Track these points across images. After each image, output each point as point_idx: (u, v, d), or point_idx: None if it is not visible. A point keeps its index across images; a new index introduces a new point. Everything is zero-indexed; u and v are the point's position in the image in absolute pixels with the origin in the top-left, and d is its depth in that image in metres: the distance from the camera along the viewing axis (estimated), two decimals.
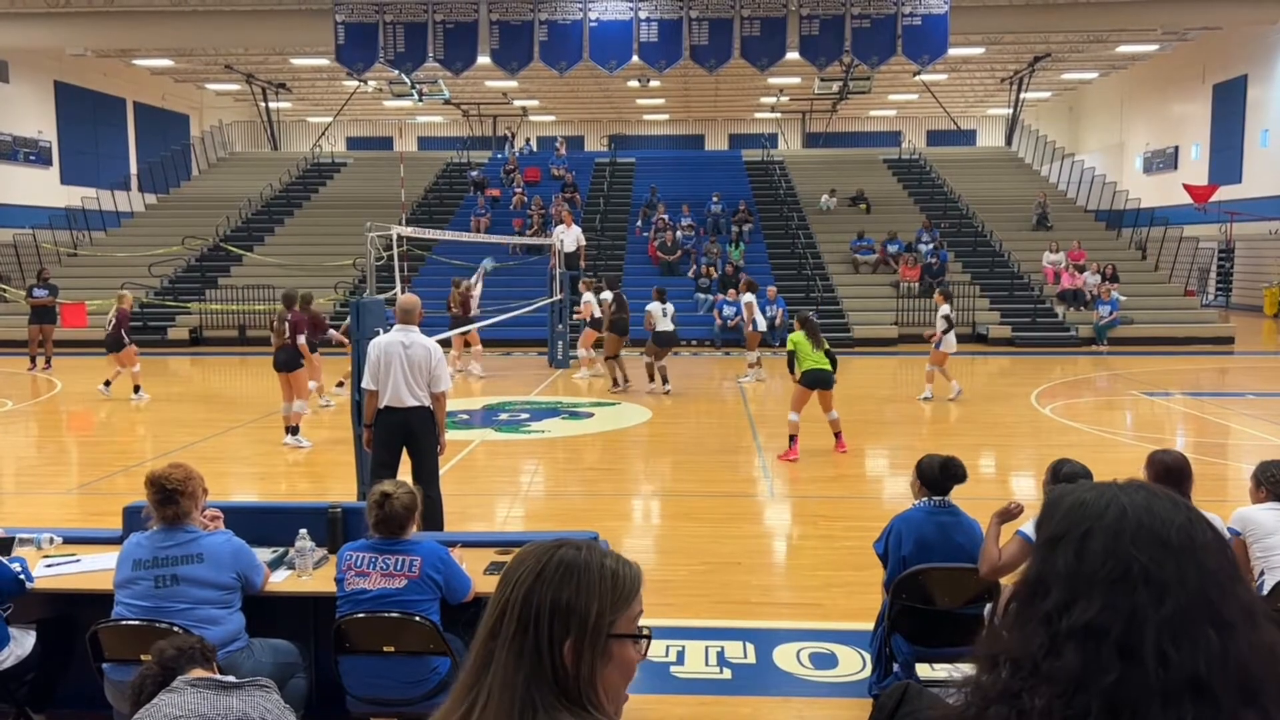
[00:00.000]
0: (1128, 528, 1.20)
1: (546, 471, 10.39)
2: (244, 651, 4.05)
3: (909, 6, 22.28)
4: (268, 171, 31.36)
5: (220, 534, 4.14)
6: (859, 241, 25.19)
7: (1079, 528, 1.22)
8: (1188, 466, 4.42)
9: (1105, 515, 1.22)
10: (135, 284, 23.79)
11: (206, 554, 3.98)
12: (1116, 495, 1.25)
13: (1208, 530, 1.22)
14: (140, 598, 3.93)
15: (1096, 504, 1.24)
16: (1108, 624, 1.16)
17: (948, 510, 4.50)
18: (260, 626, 4.22)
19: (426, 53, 22.85)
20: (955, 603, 4.33)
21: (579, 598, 1.40)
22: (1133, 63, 34.53)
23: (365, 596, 3.96)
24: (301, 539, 4.51)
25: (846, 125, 43.17)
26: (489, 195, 28.53)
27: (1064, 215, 27.48)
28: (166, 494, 3.96)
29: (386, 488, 4.12)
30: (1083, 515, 1.24)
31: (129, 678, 3.76)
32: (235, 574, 4.04)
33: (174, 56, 31.55)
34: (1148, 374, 17.27)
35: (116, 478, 9.92)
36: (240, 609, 4.09)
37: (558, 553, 1.45)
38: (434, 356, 7.00)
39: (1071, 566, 1.20)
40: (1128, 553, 1.18)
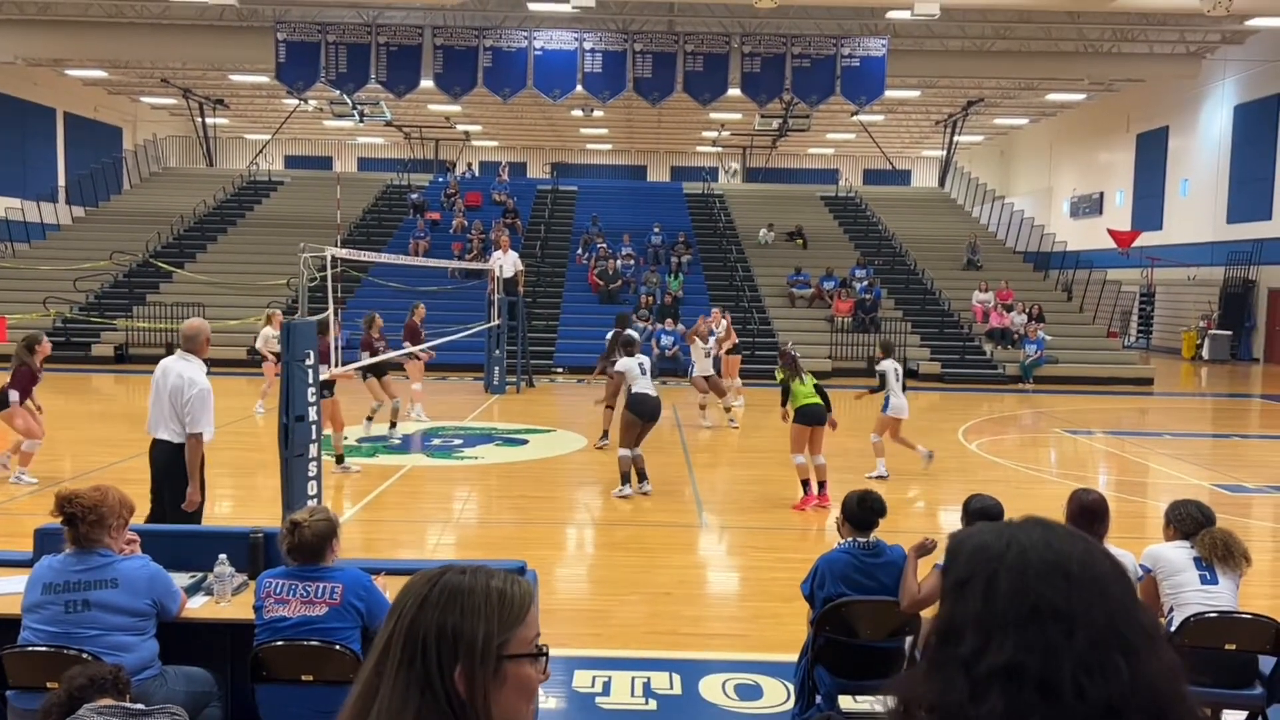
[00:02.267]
0: (1031, 565, 1.21)
1: (478, 498, 10.30)
2: (157, 679, 3.93)
3: (848, 48, 22.82)
4: (202, 188, 30.83)
5: (136, 559, 4.03)
6: (795, 276, 25.54)
7: (984, 570, 1.23)
8: (1105, 507, 4.56)
9: (1007, 555, 1.23)
10: (59, 298, 23.15)
11: (121, 579, 3.87)
12: (1015, 534, 1.26)
13: (1105, 559, 1.24)
14: (49, 623, 3.80)
15: (997, 544, 1.25)
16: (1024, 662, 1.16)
17: (872, 550, 4.54)
18: (175, 653, 4.11)
19: (369, 74, 22.76)
20: (877, 636, 4.39)
21: (465, 622, 1.37)
22: (1061, 110, 35.75)
23: (285, 624, 3.88)
24: (221, 564, 4.41)
25: (785, 162, 43.87)
26: (429, 218, 28.38)
27: (994, 256, 28.21)
28: (68, 517, 3.84)
29: (298, 516, 4.03)
30: (986, 557, 1.24)
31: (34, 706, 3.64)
32: (150, 600, 3.93)
33: (108, 68, 30.97)
34: (1071, 412, 17.72)
35: (31, 499, 9.60)
36: (154, 635, 3.98)
37: (442, 579, 1.42)
38: (192, 390, 6.22)
39: (981, 609, 1.21)
40: (1034, 589, 1.19)
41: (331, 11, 23.31)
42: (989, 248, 28.71)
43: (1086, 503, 4.48)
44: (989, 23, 24.47)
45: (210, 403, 6.37)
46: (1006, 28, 24.73)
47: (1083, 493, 4.69)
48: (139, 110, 38.74)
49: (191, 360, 6.41)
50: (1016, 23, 24.38)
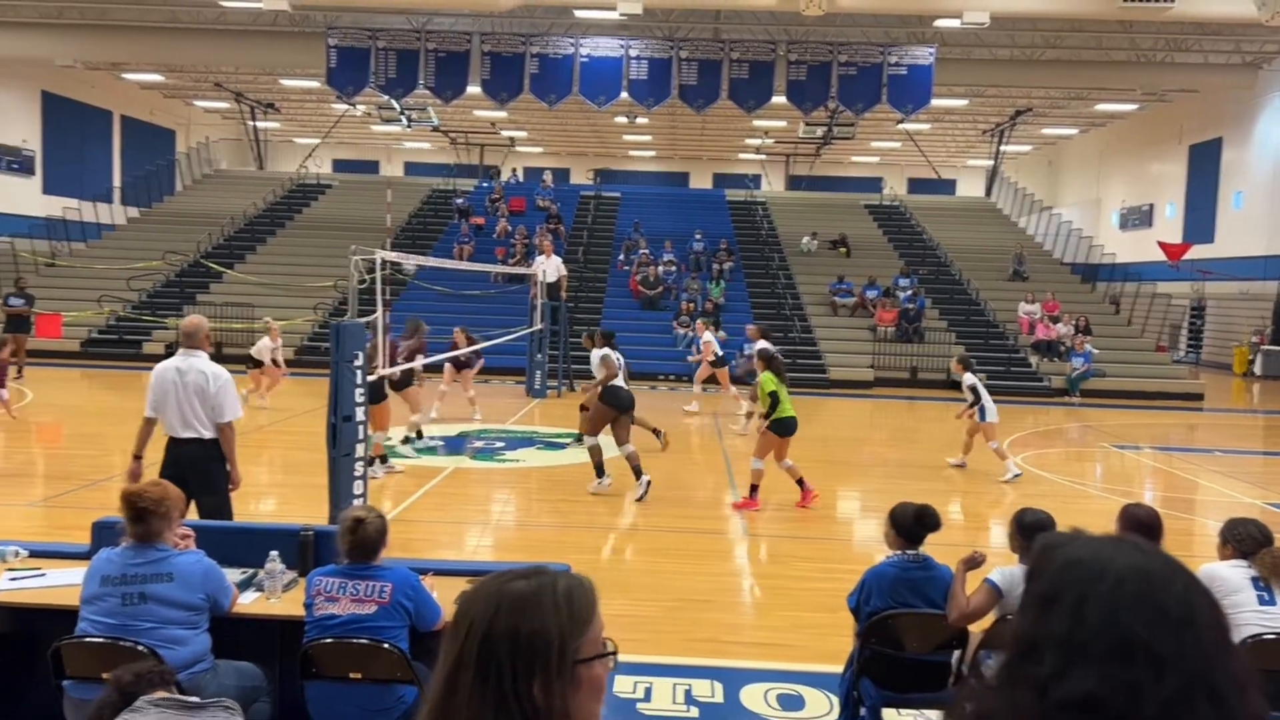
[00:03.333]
0: (1126, 596, 1.14)
1: (519, 501, 10.36)
2: (209, 673, 4.01)
3: (895, 56, 22.69)
4: (252, 190, 31.33)
5: (191, 554, 4.11)
6: (838, 284, 25.41)
7: (1073, 591, 1.16)
8: (1159, 522, 4.48)
9: (1102, 579, 1.16)
10: (114, 297, 23.64)
11: (176, 574, 3.95)
12: (1112, 556, 1.18)
13: (1203, 596, 1.17)
14: (106, 615, 3.89)
15: (1091, 564, 1.18)
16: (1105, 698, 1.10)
17: (921, 564, 4.49)
18: (226, 648, 4.18)
19: (417, 80, 23.01)
20: (924, 649, 4.35)
21: (539, 630, 1.34)
22: (1111, 121, 35.24)
23: (334, 622, 3.94)
24: (272, 561, 4.48)
25: (829, 170, 43.68)
26: (473, 223, 28.61)
27: (1040, 267, 27.86)
28: (138, 512, 3.93)
29: (359, 513, 4.11)
30: (1076, 576, 1.17)
31: (90, 696, 3.72)
32: (204, 595, 4.01)
33: (163, 72, 31.59)
34: (1118, 427, 17.45)
35: (84, 491, 9.80)
36: (207, 630, 4.06)
37: (508, 587, 1.39)
38: (214, 383, 6.28)
39: (1066, 633, 1.14)
40: (1127, 624, 1.12)
41: (381, 18, 23.60)
42: (1036, 259, 28.36)
43: (1141, 517, 4.41)
44: (1039, 31, 24.21)
45: (234, 389, 6.45)
46: (1057, 36, 24.45)
47: (1135, 508, 4.62)
48: (192, 114, 39.47)
49: (200, 355, 6.42)
50: (1067, 31, 24.09)
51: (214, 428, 6.32)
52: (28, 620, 4.48)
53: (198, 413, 6.28)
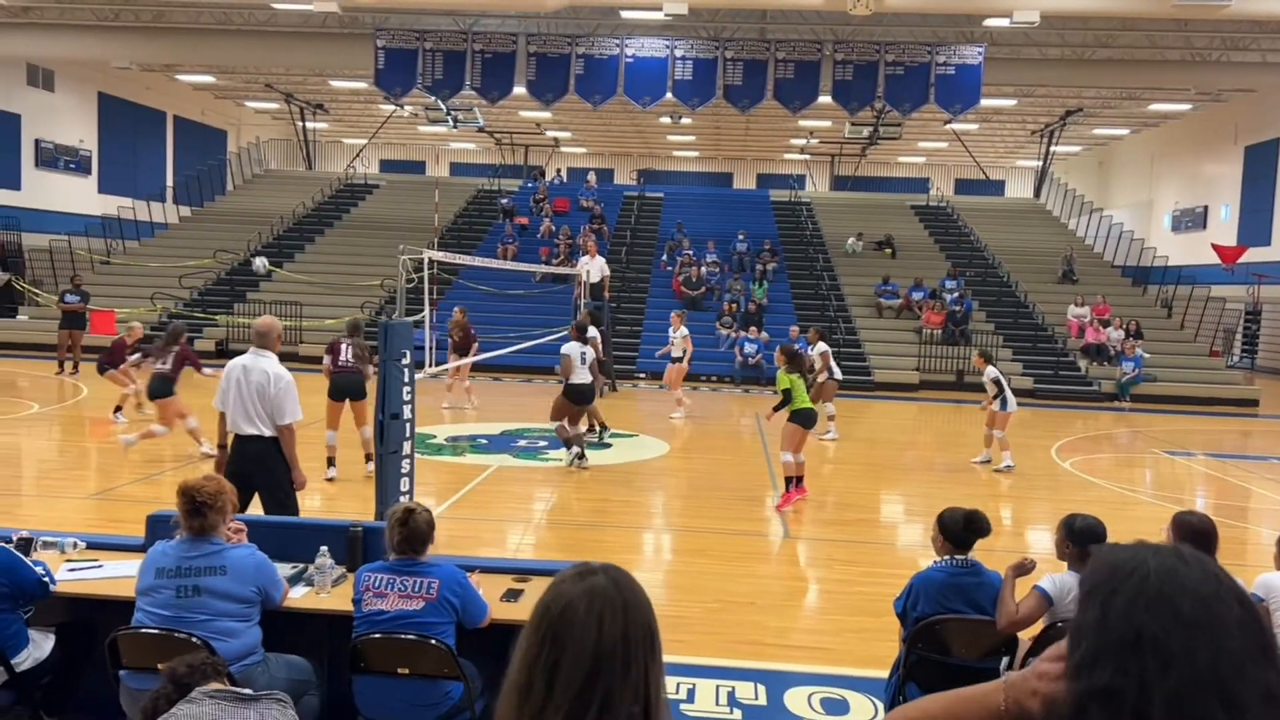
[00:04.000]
0: (1146, 593, 1.20)
1: (560, 500, 10.40)
2: (259, 666, 4.07)
3: (943, 56, 22.45)
4: (301, 190, 31.76)
5: (244, 547, 4.18)
6: (883, 286, 25.20)
7: (1107, 585, 1.23)
8: (1214, 529, 4.38)
9: (1131, 577, 1.22)
10: (166, 294, 24.08)
11: (230, 567, 4.02)
12: (1147, 558, 1.24)
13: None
14: (161, 606, 3.97)
15: (1126, 564, 1.24)
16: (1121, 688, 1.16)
17: (970, 570, 4.43)
18: (276, 641, 4.25)
19: (464, 81, 23.16)
20: (972, 655, 4.30)
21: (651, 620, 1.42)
22: (1164, 121, 34.57)
23: (382, 618, 3.99)
24: (322, 556, 4.55)
25: (874, 170, 43.32)
26: (517, 223, 28.77)
27: (1090, 270, 27.42)
28: (197, 506, 4.01)
29: (409, 505, 4.17)
30: (1112, 573, 1.24)
31: (145, 686, 3.79)
32: (256, 588, 4.07)
33: (216, 73, 32.11)
34: (1170, 432, 17.13)
35: (137, 485, 10.00)
36: (258, 623, 4.13)
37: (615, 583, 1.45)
38: (275, 384, 6.38)
39: (1096, 624, 1.22)
40: (1140, 618, 1.18)
41: (429, 19, 23.80)
42: (1085, 261, 27.92)
43: (1195, 524, 4.30)
44: (1090, 30, 23.81)
45: (294, 392, 6.52)
46: (1109, 35, 24.03)
47: (1188, 515, 4.51)
48: (243, 114, 40.10)
49: (268, 356, 6.54)
50: (1120, 30, 23.67)
51: (274, 427, 6.43)
52: (85, 610, 4.59)
53: (259, 411, 6.40)
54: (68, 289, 20.10)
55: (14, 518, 8.10)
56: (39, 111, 29.56)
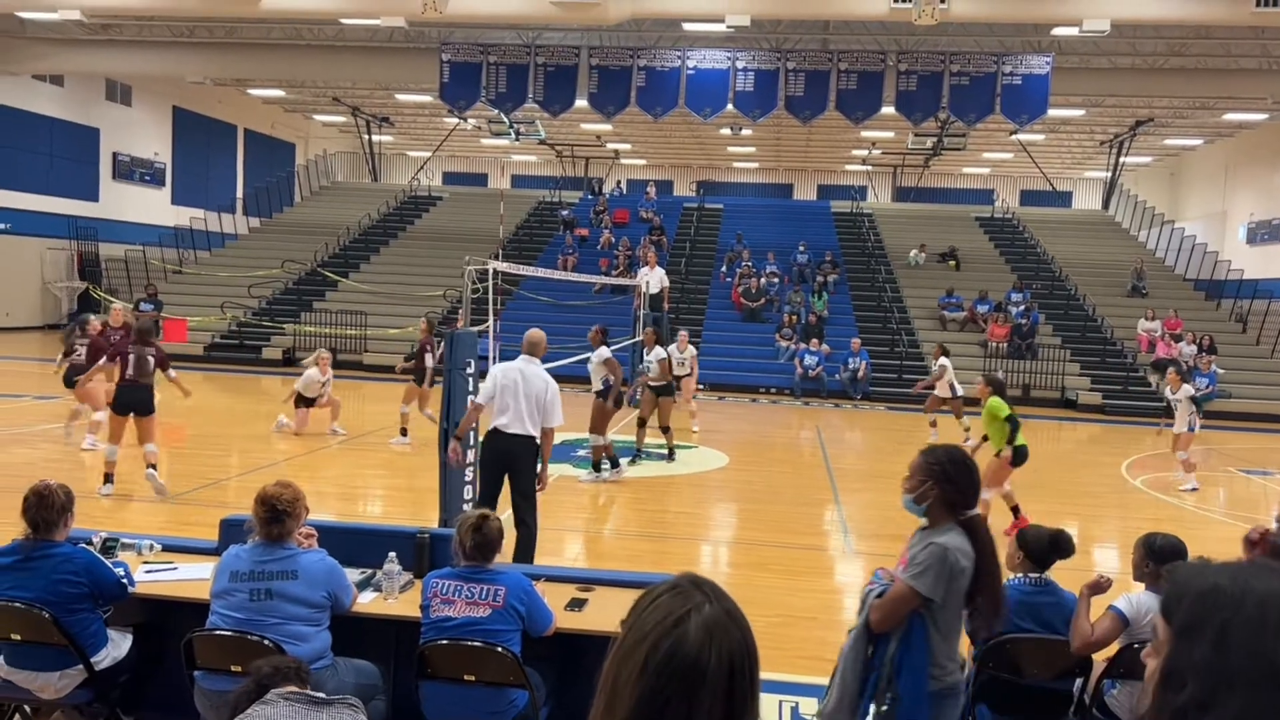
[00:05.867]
0: (1271, 619, 1.13)
1: (619, 511, 10.40)
2: (329, 670, 4.13)
3: (1009, 66, 22.13)
4: (367, 201, 32.32)
5: (315, 553, 4.25)
6: (947, 299, 24.86)
7: (1215, 617, 1.15)
8: None
9: (1244, 605, 1.14)
10: (235, 303, 24.65)
11: (301, 571, 4.09)
12: (1251, 581, 1.17)
13: None
14: (235, 609, 4.05)
15: (1231, 591, 1.16)
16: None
17: (1045, 589, 4.32)
18: (344, 646, 4.31)
19: (527, 94, 23.40)
20: (1044, 676, 4.21)
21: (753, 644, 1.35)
22: (1239, 131, 33.63)
23: (450, 624, 4.02)
24: (390, 562, 4.60)
25: (937, 181, 42.79)
26: (578, 234, 28.94)
27: (1161, 283, 26.77)
28: (276, 513, 4.09)
29: (483, 511, 4.21)
30: (1217, 604, 1.16)
31: (219, 686, 3.88)
32: (327, 593, 4.14)
33: (285, 87, 32.86)
34: (1246, 450, 16.63)
35: (206, 490, 10.23)
36: (328, 628, 4.19)
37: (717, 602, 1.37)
38: (550, 390, 7.15)
39: (1210, 660, 1.13)
40: (1273, 648, 1.11)
41: (493, 33, 24.10)
42: (1156, 274, 27.26)
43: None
44: (1162, 39, 23.29)
45: (560, 399, 7.27)
46: (1182, 44, 23.48)
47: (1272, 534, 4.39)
48: (311, 127, 40.97)
49: (538, 363, 7.26)
50: (1193, 39, 23.12)
51: (540, 430, 7.11)
52: (162, 611, 4.70)
53: (532, 414, 7.05)
54: (142, 298, 20.67)
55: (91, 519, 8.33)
56: (116, 125, 30.51)
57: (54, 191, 28.10)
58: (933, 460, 3.43)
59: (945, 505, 3.37)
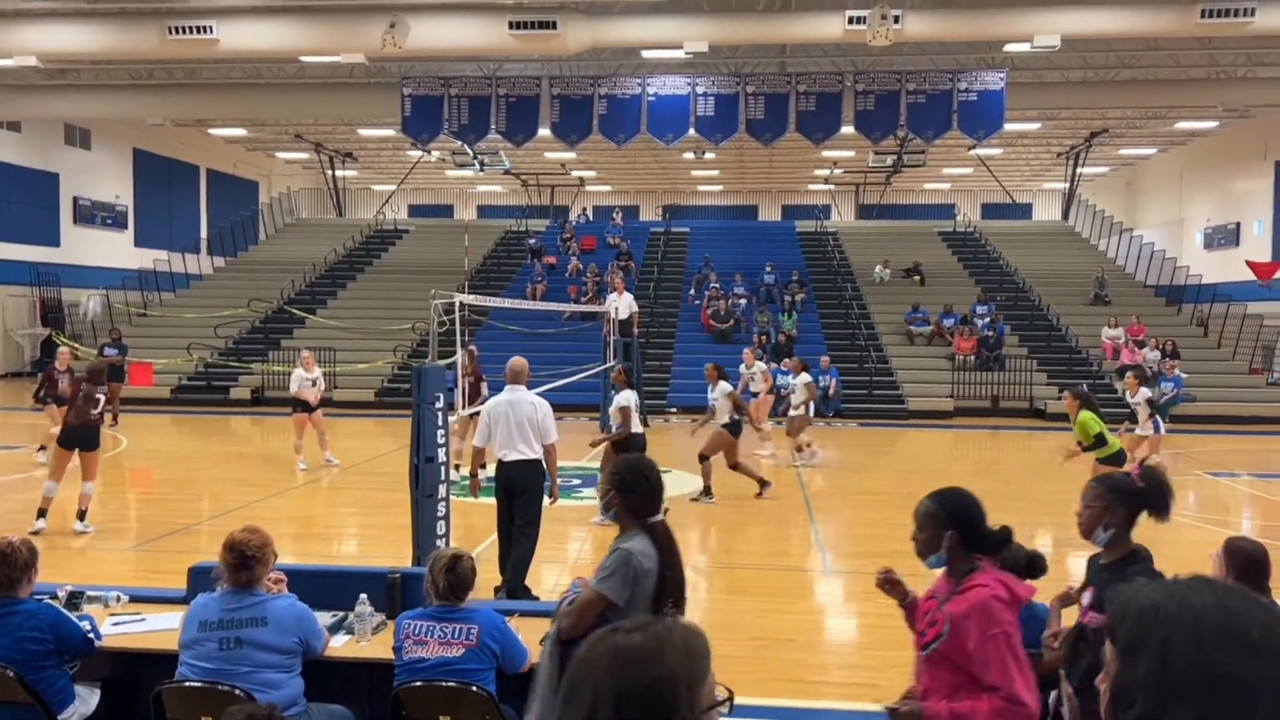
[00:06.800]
0: (1207, 631, 1.15)
1: (596, 539, 10.37)
2: (302, 716, 4.08)
3: (964, 82, 22.46)
4: (332, 237, 32.22)
5: (285, 598, 4.21)
6: (913, 313, 25.09)
7: (1156, 634, 1.18)
8: (1268, 555, 4.32)
9: (1183, 619, 1.17)
10: (201, 344, 24.43)
11: (271, 618, 4.05)
12: (1188, 596, 1.20)
13: None
14: (204, 659, 3.99)
15: (1169, 607, 1.19)
16: None
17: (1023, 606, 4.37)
18: (317, 691, 4.26)
19: (489, 125, 23.46)
20: None
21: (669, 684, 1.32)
22: (1192, 139, 34.31)
23: (423, 665, 3.99)
24: (361, 604, 4.57)
25: (900, 198, 43.28)
26: (546, 263, 28.98)
27: (1122, 290, 27.18)
28: (244, 560, 4.05)
29: (455, 551, 4.19)
30: (1157, 620, 1.19)
31: None
32: (298, 638, 4.09)
33: (247, 126, 32.75)
34: (1211, 453, 16.85)
35: (176, 536, 10.09)
36: (300, 674, 4.14)
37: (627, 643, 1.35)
38: (540, 410, 7.59)
39: (1155, 675, 1.15)
40: (1212, 658, 1.13)
41: (454, 66, 24.19)
42: (1117, 282, 27.67)
43: (1252, 551, 4.22)
44: (1112, 51, 23.75)
45: (552, 416, 7.71)
46: (1131, 56, 23.95)
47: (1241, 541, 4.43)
48: (274, 165, 40.84)
49: (523, 389, 7.76)
50: (1142, 50, 23.59)
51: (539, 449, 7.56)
52: (130, 664, 4.63)
53: (527, 438, 7.54)
54: (107, 342, 20.43)
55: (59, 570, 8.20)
56: (76, 169, 30.27)
57: (14, 238, 27.78)
58: (615, 471, 3.62)
59: (629, 512, 3.55)
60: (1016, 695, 2.97)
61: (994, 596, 3.17)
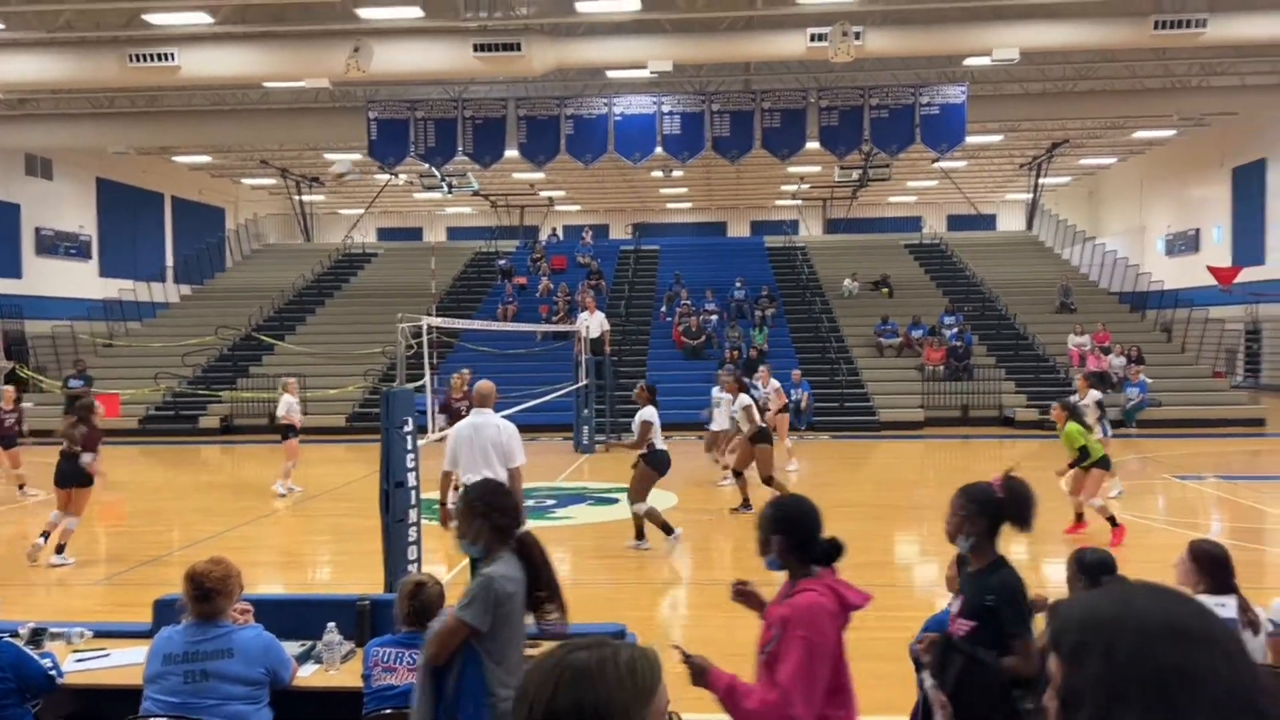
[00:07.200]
0: (1150, 627, 1.19)
1: (572, 559, 10.34)
2: None
3: (926, 97, 22.74)
4: (300, 262, 32.04)
5: (251, 628, 4.17)
6: (882, 325, 25.27)
7: (1101, 636, 1.21)
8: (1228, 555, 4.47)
9: (1126, 620, 1.21)
10: (169, 374, 24.18)
11: (237, 649, 4.00)
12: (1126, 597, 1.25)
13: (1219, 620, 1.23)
14: (169, 693, 3.94)
15: (1110, 609, 1.23)
16: None
17: None
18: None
19: (456, 147, 23.48)
20: None
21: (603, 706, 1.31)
22: (1150, 147, 34.91)
23: (393, 692, 3.96)
24: (329, 633, 4.53)
25: (866, 211, 43.68)
26: (516, 283, 28.96)
27: (1087, 298, 27.51)
28: (205, 592, 4.00)
29: (419, 578, 4.16)
30: (1101, 624, 1.22)
31: None
32: (265, 669, 4.05)
33: (212, 153, 32.59)
34: (1178, 457, 17.05)
35: (144, 568, 9.96)
36: (268, 704, 4.09)
37: (568, 659, 1.36)
38: (504, 433, 7.45)
39: (1102, 676, 1.18)
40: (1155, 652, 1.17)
41: (419, 89, 24.20)
42: (1082, 290, 28.02)
43: (1214, 552, 4.41)
44: (1070, 64, 24.15)
45: (519, 438, 7.56)
46: (1089, 68, 24.37)
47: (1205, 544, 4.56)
48: (240, 191, 40.60)
49: (489, 412, 7.62)
50: (1099, 62, 24.01)
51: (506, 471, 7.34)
52: (93, 701, 4.56)
53: (490, 460, 7.35)
54: (71, 374, 20.20)
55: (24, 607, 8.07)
56: (38, 200, 29.94)
57: None
58: (473, 498, 3.62)
59: (496, 533, 3.55)
60: (791, 700, 3.00)
61: (817, 603, 3.18)
